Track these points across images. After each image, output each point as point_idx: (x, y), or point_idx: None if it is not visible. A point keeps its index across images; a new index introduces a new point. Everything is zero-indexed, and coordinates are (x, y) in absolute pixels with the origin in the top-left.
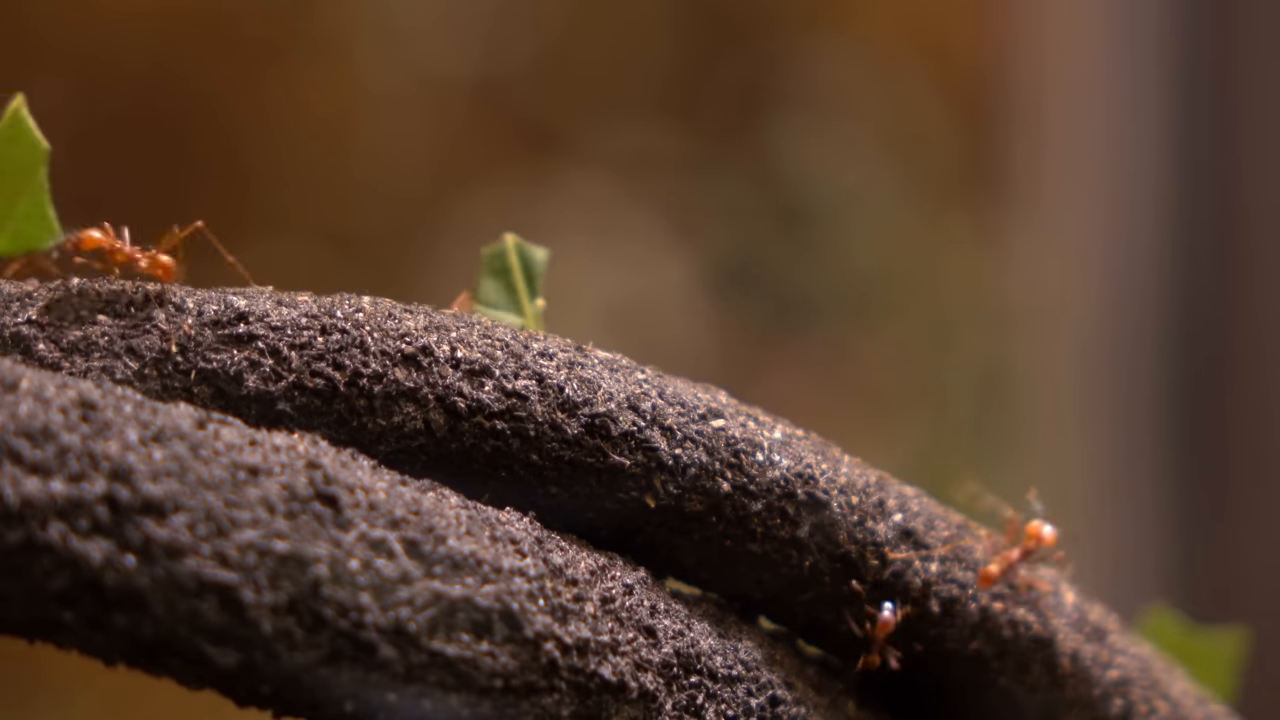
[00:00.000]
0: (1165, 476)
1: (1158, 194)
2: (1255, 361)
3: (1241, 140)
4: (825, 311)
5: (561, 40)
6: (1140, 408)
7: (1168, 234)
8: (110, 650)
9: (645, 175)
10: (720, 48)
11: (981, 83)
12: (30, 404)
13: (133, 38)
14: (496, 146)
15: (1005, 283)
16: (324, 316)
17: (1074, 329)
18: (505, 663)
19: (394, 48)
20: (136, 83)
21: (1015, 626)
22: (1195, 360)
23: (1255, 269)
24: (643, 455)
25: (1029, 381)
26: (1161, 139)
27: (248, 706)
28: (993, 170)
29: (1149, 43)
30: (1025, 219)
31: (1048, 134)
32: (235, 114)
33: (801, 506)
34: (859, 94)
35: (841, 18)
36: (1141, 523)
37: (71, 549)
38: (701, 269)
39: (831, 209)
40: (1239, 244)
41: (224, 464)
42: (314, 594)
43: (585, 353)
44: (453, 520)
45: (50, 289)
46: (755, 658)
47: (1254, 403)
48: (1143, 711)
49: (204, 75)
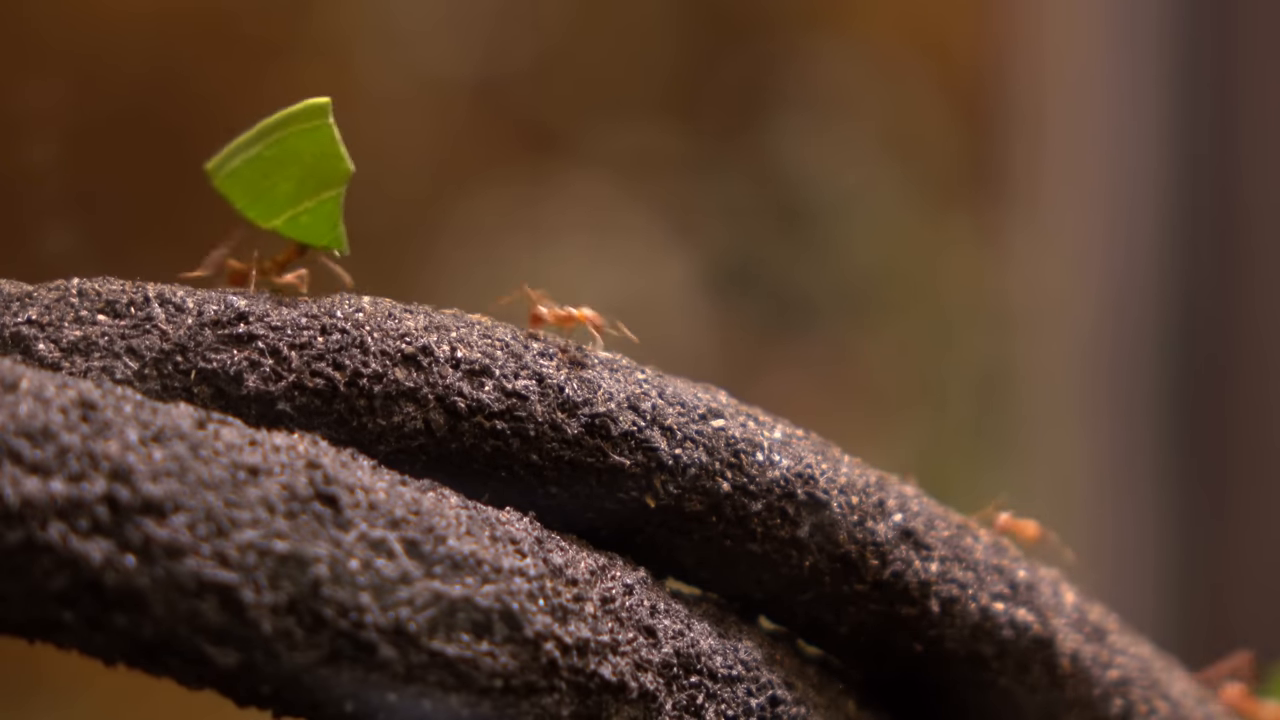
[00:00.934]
0: (1165, 476)
1: (1157, 194)
2: (1255, 361)
3: (1241, 140)
4: (825, 311)
5: (562, 40)
6: (1140, 408)
7: (1167, 234)
8: (110, 650)
9: (645, 175)
10: (720, 48)
11: (981, 83)
12: (30, 404)
13: (133, 38)
14: (496, 147)
15: (1005, 283)
16: (324, 316)
17: (1074, 329)
18: (505, 663)
19: (394, 48)
20: (136, 83)
21: (1015, 626)
22: (1195, 360)
23: (1255, 268)
24: (643, 455)
25: (1029, 381)
26: (1161, 139)
27: (248, 706)
28: (993, 170)
29: (1149, 42)
30: (1025, 219)
31: (1048, 134)
32: (235, 114)
33: (801, 506)
34: (859, 94)
35: (841, 18)
36: (1141, 522)
37: (71, 549)
38: (701, 269)
39: (831, 209)
40: (1239, 244)
41: (224, 464)
42: (314, 594)
43: (585, 353)
44: (453, 520)
45: (50, 289)
46: (755, 658)
47: (1253, 402)
48: (1143, 711)
49: (204, 75)
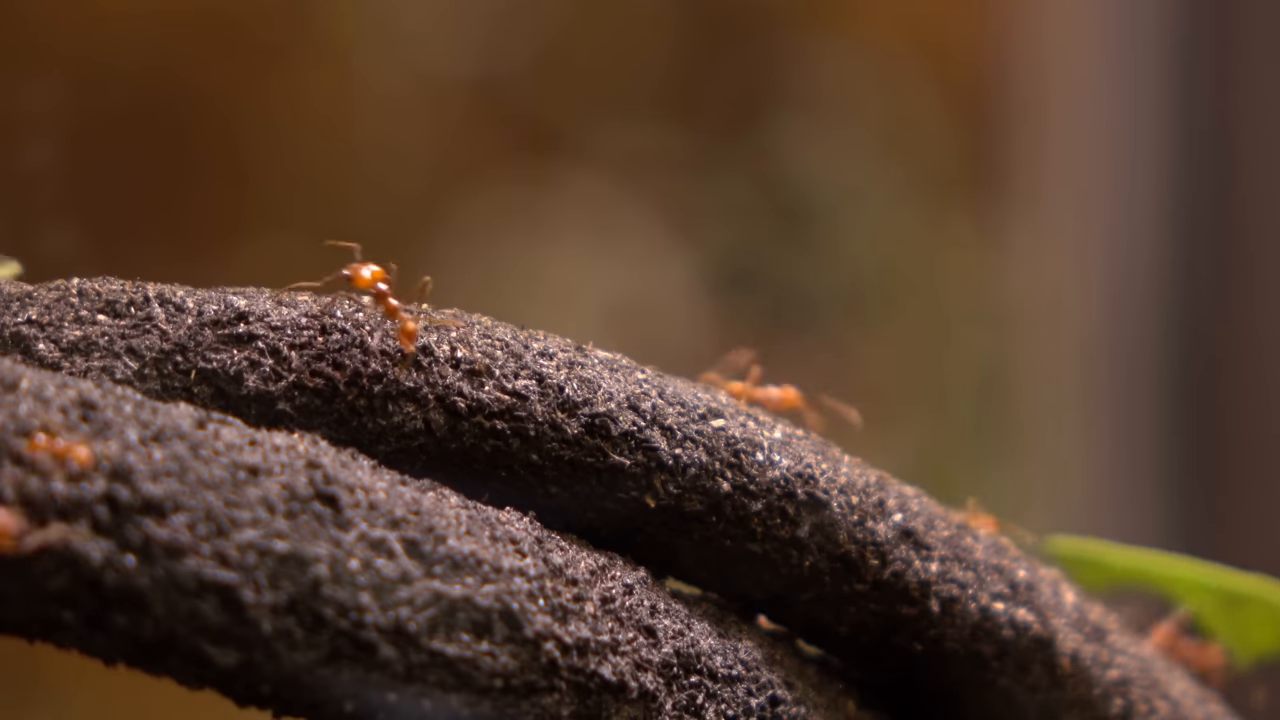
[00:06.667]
0: (1165, 476)
1: (1157, 194)
2: (1254, 361)
3: (1241, 139)
4: (825, 311)
5: (561, 40)
6: (1140, 408)
7: (1167, 234)
8: (110, 650)
9: (645, 175)
10: (720, 48)
11: (981, 82)
12: (30, 404)
13: (133, 38)
14: (496, 146)
15: (1005, 282)
16: (324, 316)
17: (1074, 329)
18: (505, 662)
19: (394, 48)
20: (136, 82)
21: (1015, 626)
22: (1195, 360)
23: (1254, 268)
24: (643, 455)
25: (1029, 381)
26: (1161, 138)
27: (247, 706)
28: (992, 169)
29: (1149, 41)
30: (1025, 219)
31: (1048, 133)
32: (235, 114)
33: (801, 506)
34: (859, 94)
35: (841, 18)
36: (1140, 522)
37: (71, 549)
38: (701, 269)
39: (831, 209)
40: (1238, 243)
41: (224, 464)
42: (314, 594)
43: (585, 353)
44: (453, 520)
45: (50, 289)
46: (755, 658)
47: (1253, 402)
48: (1143, 711)
49: (204, 75)
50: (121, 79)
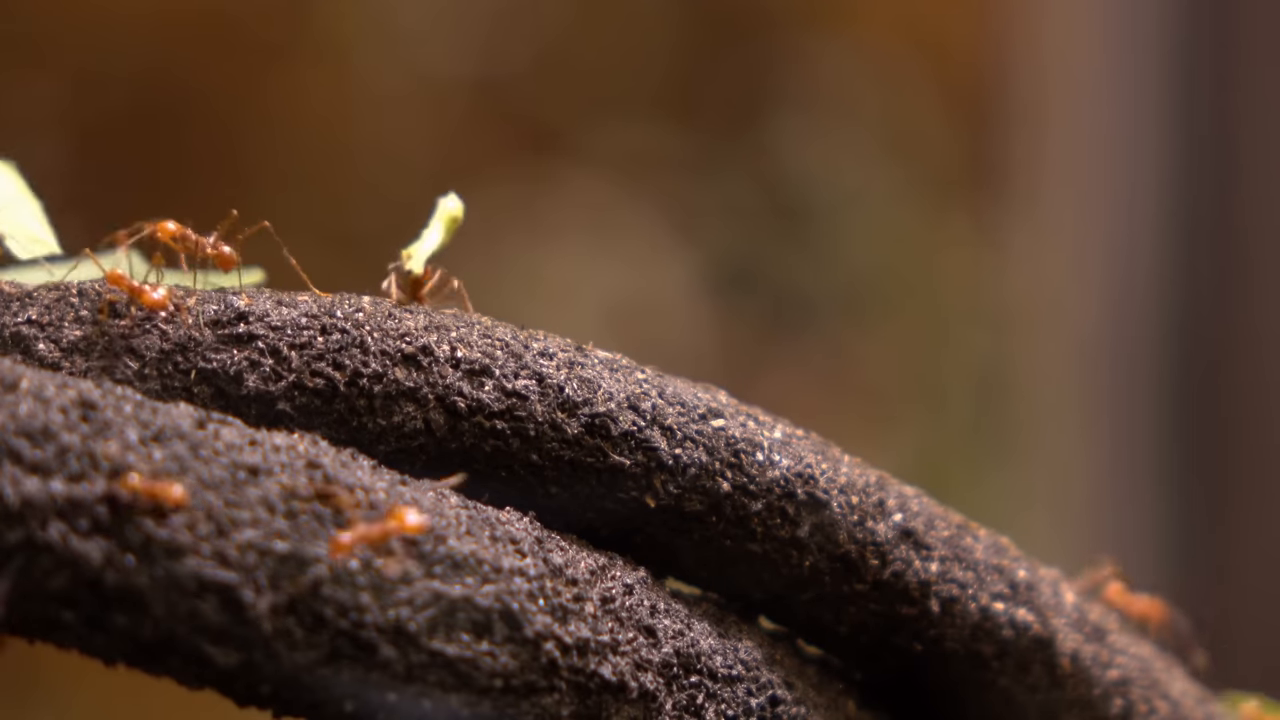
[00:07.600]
0: (1164, 476)
1: (1157, 194)
2: (1254, 361)
3: (1241, 140)
4: (825, 311)
5: (561, 40)
6: (1140, 408)
7: (1167, 234)
8: (110, 650)
9: (645, 175)
10: (720, 48)
11: (981, 82)
12: (30, 404)
13: (133, 38)
14: (496, 146)
15: (1004, 283)
16: (324, 316)
17: (1074, 329)
18: (505, 662)
19: (394, 48)
20: (136, 82)
21: (1015, 626)
22: (1194, 360)
23: (1254, 268)
24: (643, 455)
25: (1028, 382)
26: (1160, 139)
27: (247, 706)
28: (992, 169)
29: (1149, 42)
30: (1024, 219)
31: (1047, 133)
32: (235, 114)
33: (801, 506)
34: (858, 94)
35: (841, 18)
36: (1140, 522)
37: (71, 549)
38: (701, 269)
39: (831, 209)
40: (1238, 243)
41: (224, 464)
42: (314, 594)
43: (585, 353)
44: (453, 520)
45: (50, 289)
46: (755, 658)
47: (1253, 402)
48: (1143, 711)
49: (204, 75)
50: (121, 79)
